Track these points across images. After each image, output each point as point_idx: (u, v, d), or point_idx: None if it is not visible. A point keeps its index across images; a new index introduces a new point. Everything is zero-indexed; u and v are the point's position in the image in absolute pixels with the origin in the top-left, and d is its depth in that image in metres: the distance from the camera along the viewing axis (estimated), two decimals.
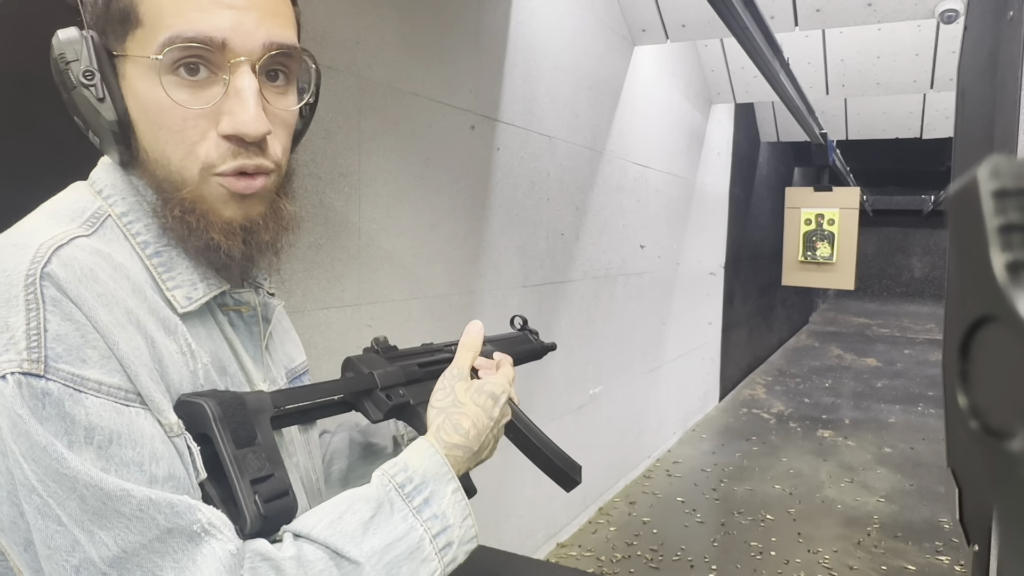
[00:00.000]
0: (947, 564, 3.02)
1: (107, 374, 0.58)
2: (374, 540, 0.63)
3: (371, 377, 0.83)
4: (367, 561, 0.62)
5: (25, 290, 0.56)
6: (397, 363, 0.88)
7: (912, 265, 15.83)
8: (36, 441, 0.54)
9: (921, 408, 5.79)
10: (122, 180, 0.69)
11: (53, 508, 0.54)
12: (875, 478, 4.06)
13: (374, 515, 0.65)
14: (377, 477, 0.69)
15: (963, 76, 1.57)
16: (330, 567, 0.61)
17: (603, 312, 3.36)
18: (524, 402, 1.16)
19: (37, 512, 0.55)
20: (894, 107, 5.36)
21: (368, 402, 0.83)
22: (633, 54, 3.50)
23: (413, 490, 0.68)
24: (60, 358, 0.56)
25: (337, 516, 0.64)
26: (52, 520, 0.55)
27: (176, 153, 0.66)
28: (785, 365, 7.56)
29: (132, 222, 0.68)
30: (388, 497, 0.67)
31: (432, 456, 0.72)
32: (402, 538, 0.65)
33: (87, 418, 0.56)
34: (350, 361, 0.86)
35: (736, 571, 2.89)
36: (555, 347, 1.17)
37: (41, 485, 0.54)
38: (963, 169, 1.50)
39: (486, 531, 2.54)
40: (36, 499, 0.54)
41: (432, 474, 0.70)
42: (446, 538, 0.68)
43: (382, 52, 1.85)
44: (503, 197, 2.49)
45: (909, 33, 3.97)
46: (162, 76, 0.64)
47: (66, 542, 0.55)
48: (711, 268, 5.26)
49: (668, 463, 4.23)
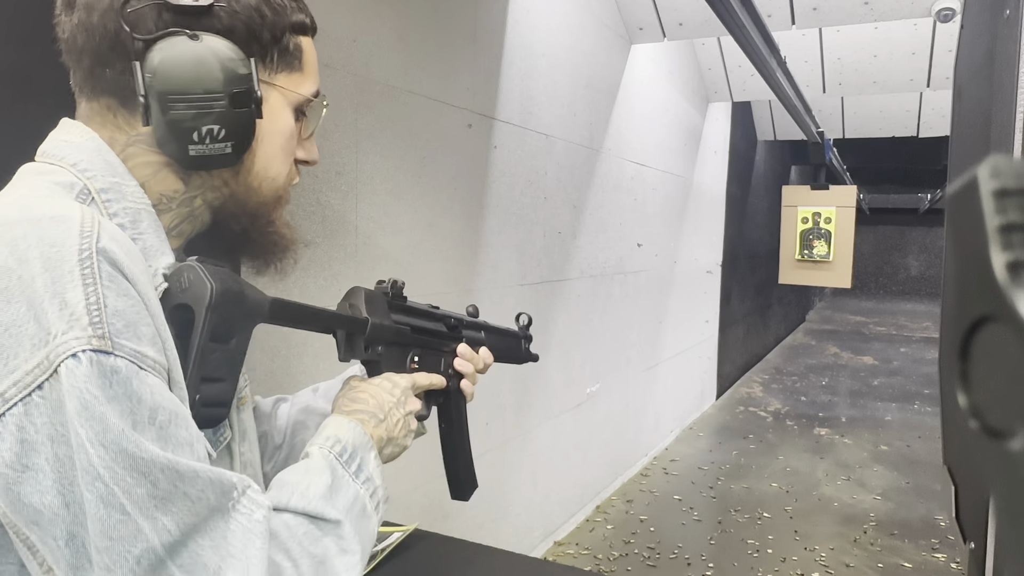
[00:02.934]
0: (943, 562, 3.03)
1: (157, 352, 0.58)
2: (340, 502, 0.71)
3: (363, 324, 0.85)
4: (344, 518, 0.70)
5: (80, 265, 0.55)
6: (397, 316, 0.90)
7: (909, 263, 15.87)
8: (109, 424, 0.53)
9: (917, 406, 5.80)
10: (100, 159, 0.69)
11: (118, 496, 0.53)
12: (871, 476, 4.07)
13: (331, 483, 0.71)
14: (317, 451, 0.75)
15: (960, 75, 1.57)
16: (312, 529, 0.67)
17: (600, 310, 3.36)
18: (522, 400, 1.16)
19: (100, 501, 0.53)
20: (891, 105, 5.37)
21: (346, 342, 0.85)
22: (630, 52, 3.50)
23: (348, 459, 0.76)
24: (121, 334, 0.55)
25: (303, 488, 0.69)
26: (116, 509, 0.53)
27: (283, 171, 0.78)
28: (782, 363, 7.57)
29: (110, 201, 0.68)
30: (332, 466, 0.73)
31: (354, 428, 0.79)
32: (355, 500, 0.73)
33: (151, 397, 0.56)
34: (356, 294, 0.87)
35: (733, 569, 2.90)
36: (537, 359, 1.19)
37: (108, 472, 0.53)
38: (960, 167, 1.50)
39: (484, 530, 2.54)
40: (100, 487, 0.53)
41: (359, 444, 0.78)
42: (378, 497, 0.77)
43: (379, 50, 1.84)
44: (500, 195, 2.49)
45: (906, 32, 3.98)
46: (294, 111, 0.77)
47: (129, 531, 0.54)
48: (708, 266, 5.26)
49: (665, 461, 4.23)
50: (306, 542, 0.66)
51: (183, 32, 0.67)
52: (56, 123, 0.72)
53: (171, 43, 0.67)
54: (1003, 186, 0.21)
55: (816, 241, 5.58)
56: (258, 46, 0.72)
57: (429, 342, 0.95)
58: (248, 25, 0.71)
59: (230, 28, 0.70)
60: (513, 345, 1.13)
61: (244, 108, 0.70)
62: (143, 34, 0.66)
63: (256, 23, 0.72)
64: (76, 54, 0.69)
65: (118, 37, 0.67)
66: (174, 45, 0.66)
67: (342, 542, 0.69)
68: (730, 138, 5.57)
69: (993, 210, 0.21)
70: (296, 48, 0.76)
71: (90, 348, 0.53)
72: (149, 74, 0.66)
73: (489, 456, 2.50)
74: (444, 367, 0.99)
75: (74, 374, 0.52)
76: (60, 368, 0.52)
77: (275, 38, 0.74)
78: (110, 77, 0.69)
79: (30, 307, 0.53)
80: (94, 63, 0.68)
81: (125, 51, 0.67)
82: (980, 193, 0.21)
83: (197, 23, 0.68)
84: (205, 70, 0.67)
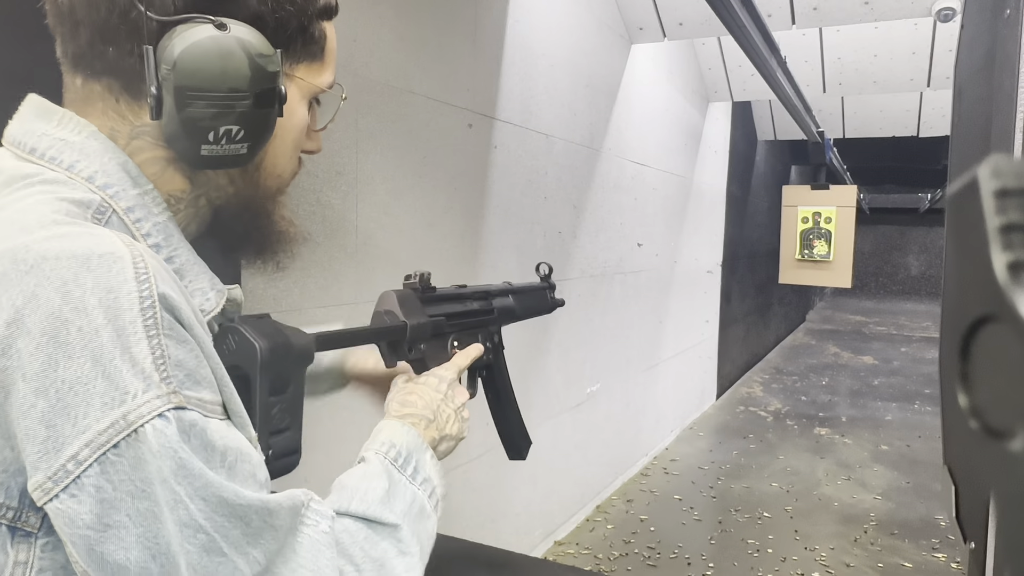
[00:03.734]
0: (943, 561, 3.03)
1: (213, 393, 0.57)
2: (398, 506, 0.72)
3: (403, 329, 0.87)
4: (402, 521, 0.71)
5: (142, 315, 0.52)
6: (431, 309, 0.92)
7: (909, 263, 15.86)
8: (202, 478, 0.53)
9: (918, 406, 5.80)
10: (118, 168, 0.62)
11: (218, 542, 0.54)
12: (872, 476, 4.07)
13: (388, 487, 0.72)
14: (373, 456, 0.76)
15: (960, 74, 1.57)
16: (371, 534, 0.68)
17: (600, 310, 3.36)
18: (522, 400, 1.16)
19: (202, 551, 0.53)
20: (891, 105, 5.36)
21: (389, 348, 0.88)
22: (630, 52, 3.50)
23: (403, 463, 0.76)
24: (184, 385, 0.54)
25: (362, 493, 0.70)
26: (216, 554, 0.54)
27: (290, 165, 0.74)
28: (782, 363, 7.57)
29: (140, 220, 0.62)
30: (388, 471, 0.74)
31: (408, 431, 0.80)
32: (412, 502, 0.74)
33: (221, 441, 0.55)
34: (388, 299, 0.89)
35: (733, 569, 2.90)
36: (563, 303, 1.25)
37: (208, 522, 0.53)
38: (960, 167, 1.50)
39: (484, 529, 2.54)
40: (202, 537, 0.53)
41: (414, 447, 0.79)
42: (436, 496, 0.78)
43: (379, 50, 1.84)
44: (501, 195, 2.49)
45: (906, 31, 3.98)
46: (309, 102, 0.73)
47: (227, 570, 0.54)
48: (708, 266, 5.26)
49: (665, 461, 4.23)
50: (367, 546, 0.67)
51: (208, 19, 0.59)
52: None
53: (194, 31, 0.59)
54: (1003, 186, 0.21)
55: (816, 241, 5.58)
56: (284, 35, 0.66)
57: (465, 324, 0.99)
58: (276, 11, 0.64)
59: (257, 15, 0.63)
60: (540, 299, 1.19)
61: (268, 108, 0.64)
62: (160, 14, 0.59)
63: (286, 9, 0.65)
64: (71, 24, 0.60)
65: (128, 14, 0.59)
66: (198, 34, 0.59)
67: (400, 544, 0.70)
68: (730, 138, 5.56)
69: (994, 210, 0.21)
70: (320, 35, 0.70)
71: (172, 406, 0.52)
72: (167, 65, 0.58)
73: (489, 456, 2.50)
74: (483, 341, 1.03)
75: (164, 435, 0.51)
76: (146, 428, 0.51)
77: (302, 26, 0.67)
78: (112, 56, 0.60)
79: (96, 363, 0.50)
80: (95, 38, 0.60)
81: (136, 31, 0.59)
82: (981, 193, 0.21)
83: (222, 7, 0.61)
84: (233, 66, 0.60)
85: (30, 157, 0.60)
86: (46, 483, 0.49)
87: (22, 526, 0.52)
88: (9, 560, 0.52)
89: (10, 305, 0.50)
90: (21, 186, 0.58)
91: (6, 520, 0.52)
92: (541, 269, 1.22)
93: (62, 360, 0.49)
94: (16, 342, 0.49)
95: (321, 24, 0.70)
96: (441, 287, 0.97)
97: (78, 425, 0.49)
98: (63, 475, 0.49)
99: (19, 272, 0.50)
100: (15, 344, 0.49)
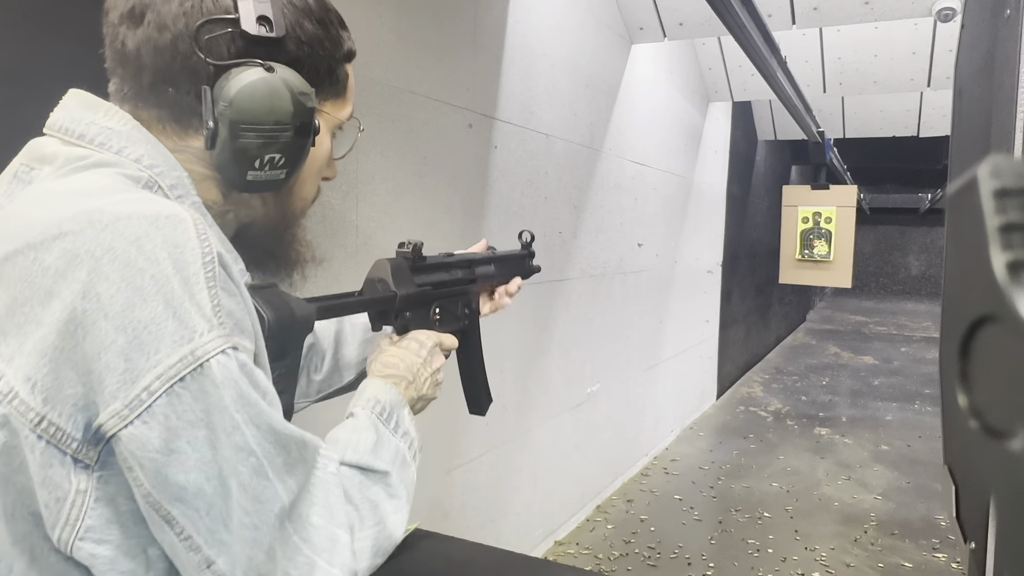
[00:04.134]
0: (943, 562, 3.03)
1: (251, 343, 0.66)
2: (386, 455, 0.80)
3: (392, 299, 0.93)
4: (391, 468, 0.79)
5: (204, 268, 0.60)
6: (420, 277, 0.98)
7: (909, 263, 15.86)
8: (257, 407, 0.62)
9: (918, 406, 5.80)
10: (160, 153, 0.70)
11: (265, 467, 0.62)
12: (872, 476, 4.07)
13: (377, 439, 0.80)
14: (361, 412, 0.84)
15: (960, 74, 1.57)
16: (363, 479, 0.76)
17: (601, 310, 3.36)
18: (522, 401, 1.17)
19: (253, 473, 0.61)
20: (891, 105, 5.36)
21: (378, 315, 0.95)
22: (631, 52, 3.50)
23: (387, 417, 0.84)
24: (234, 332, 0.62)
25: (354, 444, 0.78)
26: (263, 477, 0.62)
27: (313, 190, 0.84)
28: (782, 363, 7.57)
29: (181, 197, 0.71)
30: (375, 425, 0.82)
31: (390, 389, 0.88)
32: (396, 452, 0.82)
33: (264, 382, 0.64)
34: (382, 267, 0.95)
35: (733, 569, 2.90)
36: (539, 269, 1.32)
37: (259, 447, 0.62)
38: (960, 167, 1.50)
39: (484, 529, 2.54)
40: (253, 461, 0.61)
41: (395, 403, 0.87)
42: (415, 448, 0.87)
43: (379, 50, 1.84)
44: (501, 195, 2.49)
45: (906, 31, 3.98)
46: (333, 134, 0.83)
47: (271, 495, 0.63)
48: (708, 266, 5.26)
49: (666, 461, 4.23)
50: (362, 489, 0.75)
51: (257, 63, 0.69)
52: None
53: (247, 73, 0.69)
54: (1003, 186, 0.21)
55: (816, 241, 5.58)
56: (316, 76, 0.76)
57: (449, 292, 1.05)
58: (312, 56, 0.75)
59: (296, 59, 0.73)
60: (520, 265, 1.25)
61: (305, 138, 0.74)
62: (216, 59, 0.68)
63: (318, 55, 0.76)
64: (134, 68, 0.70)
65: (189, 60, 0.68)
66: (250, 75, 0.69)
67: (389, 488, 0.78)
68: (730, 138, 5.56)
69: (993, 210, 0.21)
70: (343, 76, 0.81)
71: (230, 346, 0.60)
72: (224, 102, 0.68)
73: (489, 456, 2.50)
74: (460, 308, 1.09)
75: (227, 368, 0.60)
76: (211, 362, 0.58)
77: (330, 68, 0.78)
78: (171, 95, 0.70)
79: (167, 306, 0.57)
80: (157, 80, 0.69)
81: (196, 74, 0.69)
82: (980, 193, 0.21)
83: (269, 53, 0.71)
84: (279, 102, 0.70)
85: (79, 142, 0.68)
86: (123, 410, 0.56)
87: (82, 458, 0.58)
88: (72, 488, 0.58)
89: (89, 256, 0.57)
90: (78, 166, 0.66)
91: (70, 450, 0.58)
92: (523, 236, 1.28)
93: (138, 302, 0.57)
94: (96, 287, 0.56)
95: (344, 66, 0.81)
96: (431, 256, 1.03)
97: (151, 360, 0.57)
98: (137, 404, 0.56)
99: (95, 229, 0.58)
100: (95, 288, 0.56)
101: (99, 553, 0.60)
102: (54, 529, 0.59)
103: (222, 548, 0.60)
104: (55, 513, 0.58)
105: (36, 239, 0.58)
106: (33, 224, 0.59)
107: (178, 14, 0.67)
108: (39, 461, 0.57)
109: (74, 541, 0.59)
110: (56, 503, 0.58)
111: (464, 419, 2.30)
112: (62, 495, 0.58)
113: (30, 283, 0.57)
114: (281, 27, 0.71)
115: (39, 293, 0.57)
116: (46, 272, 0.57)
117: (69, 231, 0.58)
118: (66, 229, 0.58)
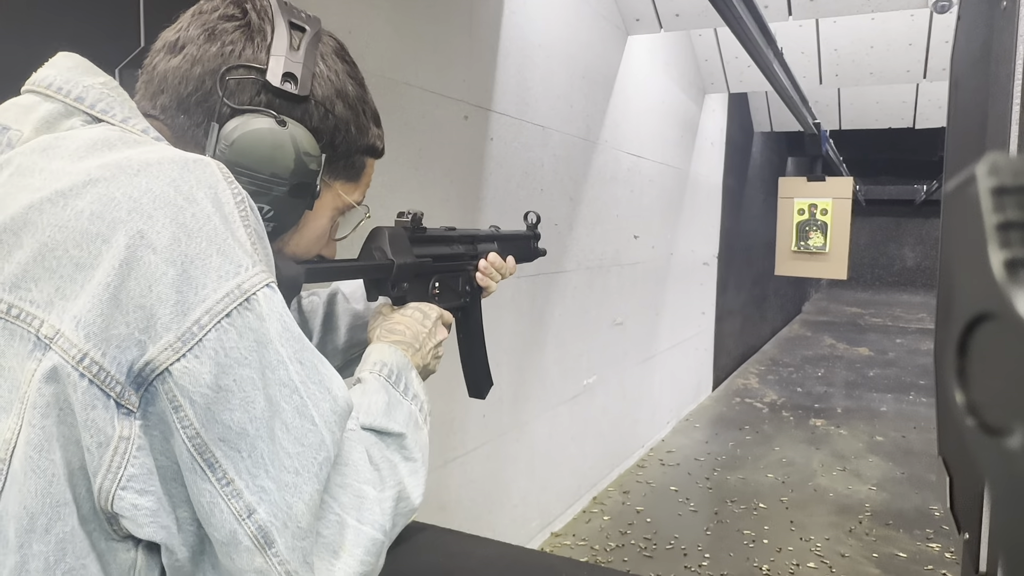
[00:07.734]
0: (937, 551, 3.05)
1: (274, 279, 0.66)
2: (399, 417, 0.79)
3: (389, 268, 0.90)
4: (405, 429, 0.78)
5: (238, 207, 0.61)
6: (419, 248, 0.95)
7: (905, 255, 15.89)
8: (301, 341, 0.62)
9: (913, 397, 5.83)
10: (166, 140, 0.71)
11: (309, 408, 0.62)
12: (867, 466, 4.09)
13: (388, 401, 0.79)
14: (368, 376, 0.82)
15: (956, 66, 1.57)
16: (377, 441, 0.75)
17: (597, 302, 3.37)
18: (518, 392, 1.16)
19: (296, 412, 0.61)
20: (887, 97, 5.36)
21: (374, 284, 0.92)
22: (627, 44, 3.49)
23: (395, 380, 0.83)
24: (269, 268, 0.63)
25: (367, 407, 0.76)
26: (307, 419, 0.61)
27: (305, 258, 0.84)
28: (778, 354, 7.59)
29: None
30: (385, 387, 0.81)
31: (396, 352, 0.86)
32: (409, 414, 0.81)
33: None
34: (379, 235, 0.92)
35: (729, 559, 2.91)
36: (545, 253, 1.28)
37: (303, 386, 0.61)
38: (956, 159, 1.50)
39: (481, 521, 2.55)
40: (296, 399, 0.61)
41: (402, 366, 0.85)
42: (425, 411, 0.86)
43: (374, 42, 1.83)
44: (497, 187, 2.48)
45: (903, 23, 3.97)
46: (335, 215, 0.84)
47: (316, 440, 0.62)
48: (704, 258, 5.27)
49: (662, 452, 4.25)
50: (380, 449, 0.75)
51: (272, 114, 0.71)
52: None
53: (258, 120, 0.70)
54: (1001, 183, 0.21)
55: (812, 232, 5.58)
56: (332, 153, 0.78)
57: (449, 267, 1.02)
58: (333, 133, 0.77)
59: (317, 129, 0.75)
60: (524, 246, 1.21)
61: (299, 199, 0.74)
62: (235, 103, 0.70)
63: (340, 135, 0.78)
64: (157, 87, 0.72)
65: (209, 96, 0.70)
66: (258, 122, 0.70)
67: (404, 451, 0.77)
68: (726, 129, 5.56)
69: (991, 208, 0.20)
70: (361, 165, 0.84)
71: (273, 280, 0.61)
72: (226, 142, 0.69)
73: (486, 448, 2.51)
74: (462, 285, 1.06)
75: (272, 300, 0.60)
76: (257, 295, 0.59)
77: (348, 152, 0.80)
78: (182, 122, 0.71)
79: (211, 242, 0.58)
80: (173, 104, 0.71)
81: (211, 111, 0.70)
82: (978, 190, 0.21)
83: (289, 110, 0.72)
84: (280, 155, 0.71)
85: (76, 104, 0.66)
86: (176, 343, 0.56)
87: (124, 403, 0.57)
88: (115, 434, 0.57)
89: (127, 198, 0.57)
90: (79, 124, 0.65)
91: (114, 393, 0.56)
92: (529, 217, 1.24)
93: (183, 237, 0.57)
94: (139, 224, 0.56)
95: (365, 159, 0.84)
96: (432, 228, 1.00)
97: (199, 294, 0.56)
98: (189, 336, 0.56)
99: (128, 175, 0.58)
100: (138, 225, 0.56)
101: (141, 504, 0.58)
102: (95, 476, 0.57)
103: (263, 496, 0.59)
104: (97, 459, 0.56)
105: (64, 187, 0.57)
106: (55, 174, 0.58)
107: (215, 55, 0.70)
108: (81, 401, 0.55)
109: (116, 490, 0.57)
110: (98, 448, 0.56)
111: (460, 411, 2.30)
112: (104, 440, 0.56)
113: (62, 228, 0.56)
114: (307, 88, 0.73)
115: (74, 236, 0.56)
116: (80, 215, 0.56)
117: (100, 177, 0.57)
118: (96, 176, 0.57)
